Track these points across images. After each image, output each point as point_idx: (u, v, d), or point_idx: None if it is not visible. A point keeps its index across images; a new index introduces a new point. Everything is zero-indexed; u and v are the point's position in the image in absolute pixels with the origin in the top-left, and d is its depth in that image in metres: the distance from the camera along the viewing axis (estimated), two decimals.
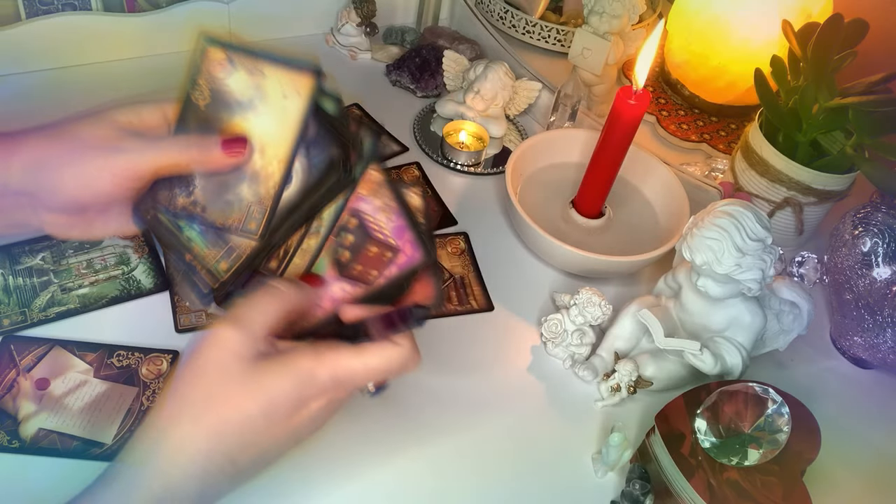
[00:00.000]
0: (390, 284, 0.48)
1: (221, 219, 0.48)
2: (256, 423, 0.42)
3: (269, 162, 0.48)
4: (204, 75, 0.49)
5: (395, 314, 0.45)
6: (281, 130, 0.48)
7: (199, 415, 0.41)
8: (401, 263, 0.48)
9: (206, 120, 0.49)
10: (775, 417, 0.52)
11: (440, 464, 0.59)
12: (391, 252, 0.48)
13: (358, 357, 0.44)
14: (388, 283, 0.48)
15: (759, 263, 0.59)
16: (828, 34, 0.73)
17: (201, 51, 0.49)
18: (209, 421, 0.41)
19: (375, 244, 0.47)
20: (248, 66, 0.49)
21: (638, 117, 0.68)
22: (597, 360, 0.67)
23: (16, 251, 0.66)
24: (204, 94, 0.49)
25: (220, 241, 0.48)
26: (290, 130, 0.48)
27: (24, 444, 0.55)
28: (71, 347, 0.61)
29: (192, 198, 0.49)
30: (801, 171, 0.76)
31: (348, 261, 0.48)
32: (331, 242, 0.48)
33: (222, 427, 0.41)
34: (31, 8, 0.82)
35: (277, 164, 0.48)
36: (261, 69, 0.48)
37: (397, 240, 0.48)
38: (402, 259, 0.48)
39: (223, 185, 0.48)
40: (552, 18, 1.02)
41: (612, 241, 0.77)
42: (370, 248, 0.47)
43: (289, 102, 0.48)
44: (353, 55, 0.98)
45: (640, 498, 0.56)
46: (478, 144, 0.87)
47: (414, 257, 0.48)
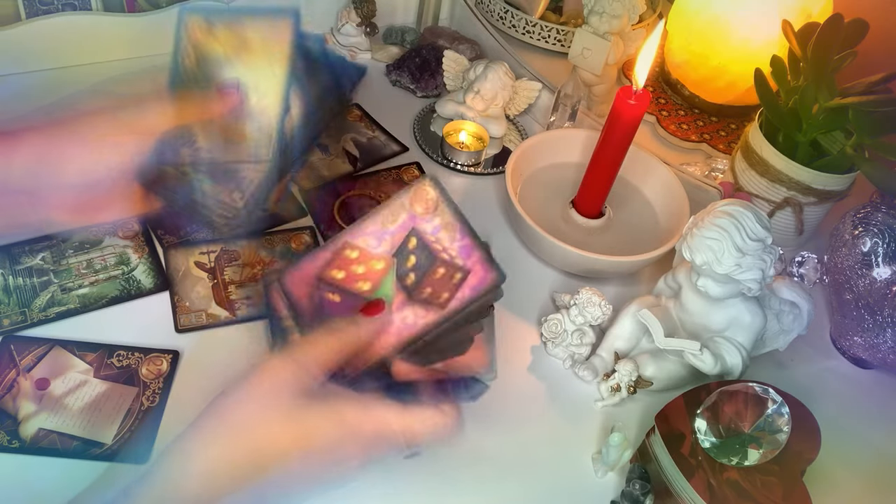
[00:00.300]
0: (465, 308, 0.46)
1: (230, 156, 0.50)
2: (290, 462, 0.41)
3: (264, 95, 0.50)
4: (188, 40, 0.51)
5: (450, 384, 0.44)
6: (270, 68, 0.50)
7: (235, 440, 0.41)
8: (473, 285, 0.46)
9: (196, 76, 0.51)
10: (775, 417, 0.52)
11: (440, 463, 0.59)
12: (461, 273, 0.46)
13: (401, 418, 0.43)
14: (462, 307, 0.46)
15: (759, 263, 0.59)
16: (828, 34, 0.73)
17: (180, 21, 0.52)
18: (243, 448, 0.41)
19: (443, 265, 0.46)
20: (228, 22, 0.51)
21: (638, 117, 0.68)
22: (597, 360, 0.67)
23: (16, 251, 0.67)
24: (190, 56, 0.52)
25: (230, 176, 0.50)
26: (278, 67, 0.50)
27: (24, 444, 0.55)
28: (71, 347, 0.61)
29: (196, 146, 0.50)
30: (801, 171, 0.76)
31: (415, 284, 0.46)
32: (392, 263, 0.47)
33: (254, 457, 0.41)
34: (31, 8, 0.82)
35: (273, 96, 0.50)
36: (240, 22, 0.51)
37: (465, 259, 0.46)
38: (474, 280, 0.46)
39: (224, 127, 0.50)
40: (552, 18, 1.02)
41: (612, 241, 0.77)
42: (437, 269, 0.46)
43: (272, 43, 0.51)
44: (353, 55, 0.98)
45: (640, 498, 0.56)
46: (478, 144, 0.87)
47: (486, 278, 0.46)
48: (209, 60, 0.51)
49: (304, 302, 0.47)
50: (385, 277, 0.46)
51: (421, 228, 0.47)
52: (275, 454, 0.41)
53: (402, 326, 0.46)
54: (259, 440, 0.41)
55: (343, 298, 0.46)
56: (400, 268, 0.46)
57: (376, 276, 0.46)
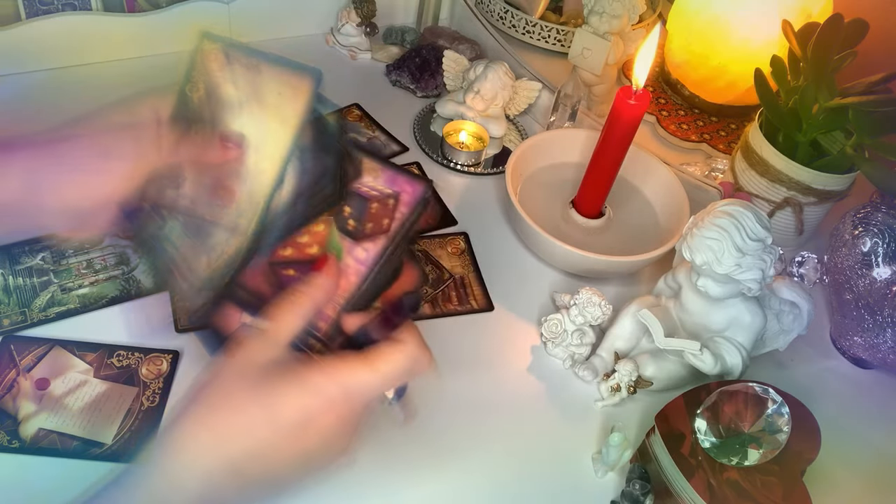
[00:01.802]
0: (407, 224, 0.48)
1: (210, 214, 0.47)
2: (263, 432, 0.41)
3: (262, 159, 0.47)
4: (199, 71, 0.49)
5: (388, 309, 0.45)
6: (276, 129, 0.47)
7: (205, 415, 0.42)
8: (407, 202, 0.48)
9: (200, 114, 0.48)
10: (775, 417, 0.52)
11: (439, 463, 0.59)
12: (393, 199, 0.48)
13: (365, 364, 0.43)
14: (404, 223, 0.48)
15: (759, 263, 0.59)
16: (828, 34, 0.73)
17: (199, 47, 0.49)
18: (213, 422, 0.41)
19: (374, 199, 0.47)
20: (245, 63, 0.48)
21: (638, 117, 0.68)
22: (597, 360, 0.67)
23: (16, 251, 0.66)
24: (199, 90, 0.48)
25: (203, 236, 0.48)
26: (286, 130, 0.47)
27: (24, 444, 0.55)
28: (71, 347, 0.61)
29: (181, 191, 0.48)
30: (801, 171, 0.76)
31: (356, 226, 0.47)
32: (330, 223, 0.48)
33: (227, 430, 0.41)
34: (31, 8, 0.82)
35: (271, 163, 0.47)
36: (258, 67, 0.48)
37: (393, 187, 0.48)
38: (406, 197, 0.48)
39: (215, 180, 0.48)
40: (552, 18, 1.02)
41: (612, 241, 0.77)
42: (371, 205, 0.47)
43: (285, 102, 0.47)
44: (353, 55, 0.98)
45: (640, 498, 0.56)
46: (478, 144, 0.87)
47: (417, 190, 0.48)
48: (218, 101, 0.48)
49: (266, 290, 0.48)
50: (329, 235, 0.48)
51: None
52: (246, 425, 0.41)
53: (357, 263, 0.48)
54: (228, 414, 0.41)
55: (298, 270, 0.47)
56: (339, 221, 0.48)
57: (320, 237, 0.48)
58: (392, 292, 0.49)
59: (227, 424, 0.41)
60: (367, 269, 0.47)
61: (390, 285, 0.49)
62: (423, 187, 0.48)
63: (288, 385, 0.42)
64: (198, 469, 0.41)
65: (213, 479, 0.41)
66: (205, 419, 0.42)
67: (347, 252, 0.48)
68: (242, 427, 0.41)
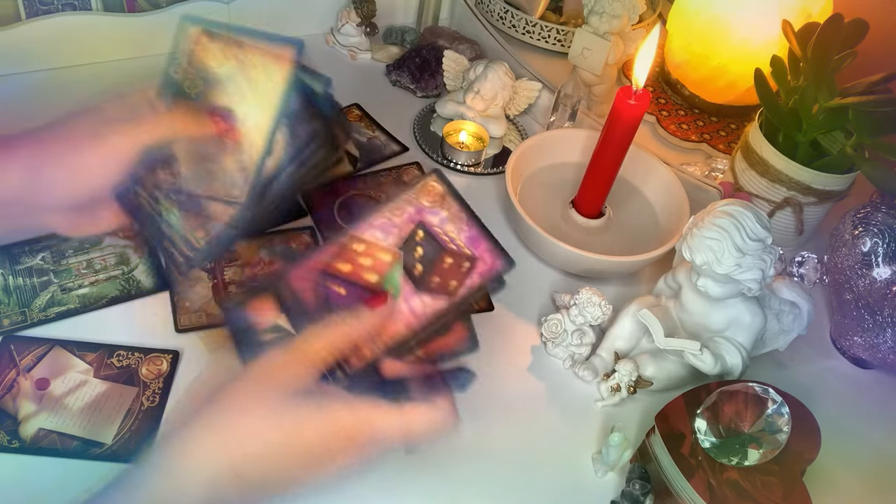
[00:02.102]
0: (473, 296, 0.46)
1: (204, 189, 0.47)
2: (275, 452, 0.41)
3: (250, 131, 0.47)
4: (184, 53, 0.49)
5: (439, 377, 0.44)
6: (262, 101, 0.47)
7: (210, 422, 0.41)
8: (482, 272, 0.46)
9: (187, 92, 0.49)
10: (775, 417, 0.52)
11: (439, 463, 0.59)
12: (468, 261, 0.46)
13: (393, 417, 0.43)
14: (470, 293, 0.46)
15: (759, 263, 0.59)
16: (828, 34, 0.73)
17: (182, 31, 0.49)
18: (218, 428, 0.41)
19: (450, 255, 0.46)
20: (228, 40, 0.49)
21: (638, 117, 0.68)
22: (597, 360, 0.67)
23: (16, 251, 0.66)
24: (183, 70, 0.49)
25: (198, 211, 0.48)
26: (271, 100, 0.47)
27: (24, 444, 0.55)
28: (71, 347, 0.61)
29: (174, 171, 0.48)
30: (801, 171, 0.76)
31: (423, 274, 0.46)
32: (399, 255, 0.47)
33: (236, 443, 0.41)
34: (31, 8, 0.82)
35: (259, 133, 0.47)
36: (240, 43, 0.48)
37: (473, 249, 0.47)
38: (483, 268, 0.46)
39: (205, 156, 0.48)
40: (552, 18, 1.02)
41: (612, 241, 0.77)
42: (445, 259, 0.46)
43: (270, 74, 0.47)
44: (353, 55, 0.98)
45: (640, 498, 0.56)
46: (478, 144, 0.87)
47: (494, 265, 0.46)
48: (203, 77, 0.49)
49: (308, 296, 0.47)
50: (392, 269, 0.46)
51: (428, 220, 0.47)
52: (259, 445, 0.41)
53: (411, 314, 0.46)
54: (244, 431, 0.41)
55: (349, 291, 0.46)
56: (407, 259, 0.47)
57: (383, 267, 0.46)
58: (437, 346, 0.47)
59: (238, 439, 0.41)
60: (420, 325, 0.46)
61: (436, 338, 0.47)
62: (503, 265, 0.47)
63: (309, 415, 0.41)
64: (202, 474, 0.41)
65: (216, 484, 0.41)
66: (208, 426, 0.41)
67: (405, 297, 0.46)
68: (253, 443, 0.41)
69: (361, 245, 0.47)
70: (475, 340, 0.48)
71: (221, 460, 0.41)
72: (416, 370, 0.45)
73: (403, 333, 0.46)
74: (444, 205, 0.48)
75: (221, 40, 0.49)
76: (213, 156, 0.48)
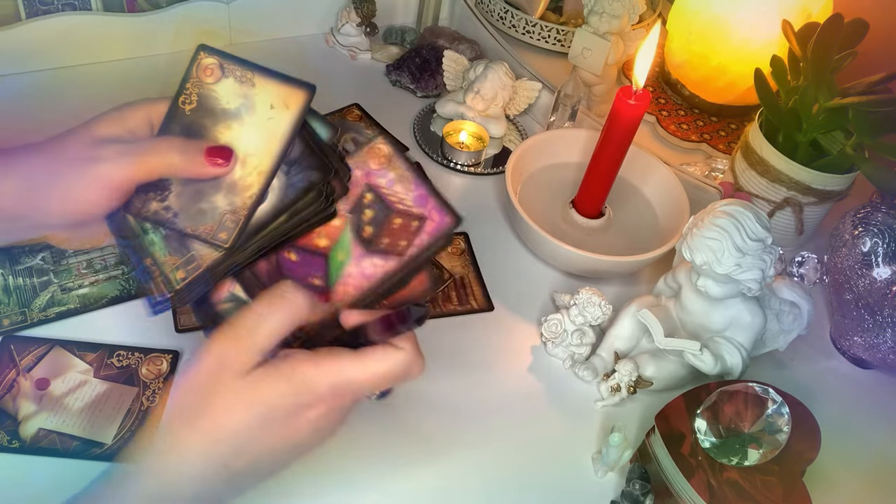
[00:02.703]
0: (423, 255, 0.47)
1: (192, 226, 0.47)
2: (251, 429, 0.41)
3: (248, 173, 0.47)
4: (193, 80, 0.49)
5: (393, 316, 0.44)
6: (265, 143, 0.47)
7: (194, 418, 0.42)
8: (430, 230, 0.47)
9: (191, 126, 0.48)
10: (775, 417, 0.52)
11: (440, 463, 0.59)
12: (417, 221, 0.47)
13: (358, 363, 0.43)
14: (420, 252, 0.47)
15: (759, 263, 0.59)
16: (828, 34, 0.73)
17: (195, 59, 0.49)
18: (202, 424, 0.41)
19: (399, 215, 0.46)
20: (239, 74, 0.48)
21: (638, 117, 0.68)
22: (597, 360, 0.67)
23: (16, 251, 0.66)
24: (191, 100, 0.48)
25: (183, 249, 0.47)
26: (275, 144, 0.47)
27: (24, 444, 0.55)
28: (71, 347, 0.61)
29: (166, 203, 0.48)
30: (801, 171, 0.76)
31: (373, 235, 0.47)
32: (349, 219, 0.47)
33: (215, 432, 0.41)
34: (31, 8, 0.82)
35: (257, 177, 0.47)
36: (251, 79, 0.48)
37: (421, 208, 0.47)
38: (431, 225, 0.47)
39: (199, 192, 0.47)
40: (552, 18, 1.02)
41: (612, 241, 0.77)
42: (394, 219, 0.46)
43: (276, 115, 0.47)
44: (353, 55, 0.98)
45: (640, 498, 0.56)
46: (478, 144, 0.87)
47: (444, 222, 0.47)
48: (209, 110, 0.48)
49: (261, 264, 0.47)
50: (342, 233, 0.47)
51: (375, 182, 0.48)
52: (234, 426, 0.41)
53: (362, 276, 0.47)
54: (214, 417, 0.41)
55: (300, 257, 0.47)
56: (357, 221, 0.47)
57: (334, 232, 0.47)
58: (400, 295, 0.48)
59: (216, 427, 0.41)
60: (370, 286, 0.47)
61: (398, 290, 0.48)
62: (452, 221, 0.47)
63: (274, 380, 0.42)
64: (190, 471, 0.41)
65: (205, 479, 0.42)
66: (193, 422, 0.41)
67: (356, 260, 0.47)
68: (231, 428, 0.41)
69: None
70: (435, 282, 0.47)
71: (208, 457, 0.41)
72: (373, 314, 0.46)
73: (354, 295, 0.46)
74: (391, 166, 0.48)
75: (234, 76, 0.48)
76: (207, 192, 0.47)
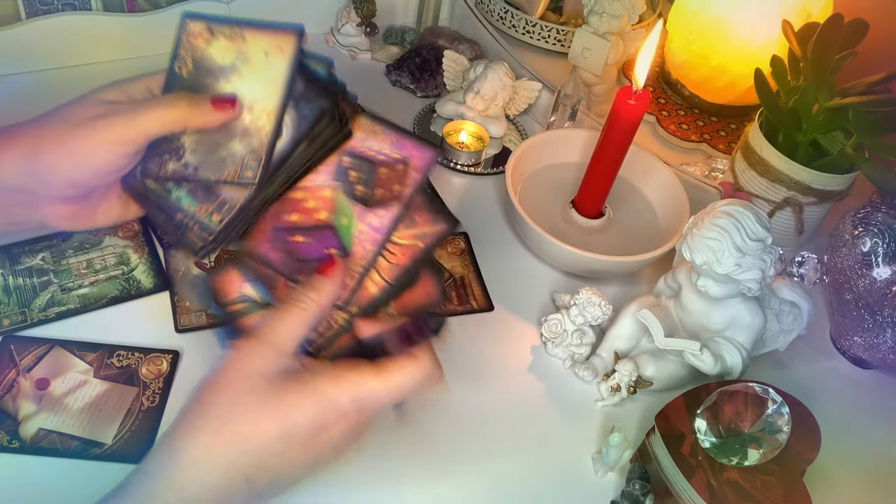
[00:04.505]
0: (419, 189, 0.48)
1: (215, 175, 0.48)
2: (274, 443, 0.41)
3: (258, 116, 0.49)
4: (185, 47, 0.50)
5: (410, 326, 0.45)
6: (267, 86, 0.49)
7: (218, 428, 0.41)
8: (417, 167, 0.48)
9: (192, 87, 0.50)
10: (775, 417, 0.52)
11: (439, 463, 0.59)
12: (401, 163, 0.48)
13: (378, 377, 0.43)
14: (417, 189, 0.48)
15: (759, 263, 0.59)
16: (828, 34, 0.73)
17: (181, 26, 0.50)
18: (227, 435, 0.41)
19: (382, 165, 0.47)
20: (228, 32, 0.50)
21: (638, 117, 0.68)
22: (597, 360, 0.67)
23: (16, 251, 0.66)
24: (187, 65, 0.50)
25: (211, 195, 0.49)
26: (277, 84, 0.48)
27: (24, 444, 0.55)
28: (71, 347, 0.61)
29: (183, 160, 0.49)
30: (801, 171, 0.76)
31: (365, 192, 0.48)
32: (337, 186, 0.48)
33: (239, 443, 0.41)
34: (31, 8, 0.82)
35: (267, 117, 0.48)
36: (241, 34, 0.50)
37: (400, 151, 0.48)
38: (416, 163, 0.48)
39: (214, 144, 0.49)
40: (552, 18, 1.02)
41: (612, 241, 0.77)
42: (379, 170, 0.47)
43: (272, 60, 0.49)
44: (353, 55, 0.98)
45: (640, 498, 0.56)
46: (478, 144, 0.87)
47: (426, 156, 0.48)
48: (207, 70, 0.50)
49: (273, 256, 0.48)
50: (337, 200, 0.48)
51: (349, 145, 0.49)
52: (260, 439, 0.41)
53: (372, 230, 0.48)
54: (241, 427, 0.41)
55: (308, 236, 0.47)
56: (346, 185, 0.48)
57: (328, 202, 0.48)
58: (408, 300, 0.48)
59: (240, 438, 0.41)
60: (384, 235, 0.47)
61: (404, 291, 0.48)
62: (433, 153, 0.48)
63: (298, 396, 0.42)
64: (211, 484, 0.41)
65: (226, 492, 0.41)
66: (218, 433, 0.41)
67: (359, 218, 0.48)
68: (255, 441, 0.41)
69: (299, 192, 0.49)
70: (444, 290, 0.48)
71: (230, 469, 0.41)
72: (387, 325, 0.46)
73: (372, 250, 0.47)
74: (356, 126, 0.50)
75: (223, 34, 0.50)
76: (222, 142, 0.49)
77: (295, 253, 0.48)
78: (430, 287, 0.49)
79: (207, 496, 0.41)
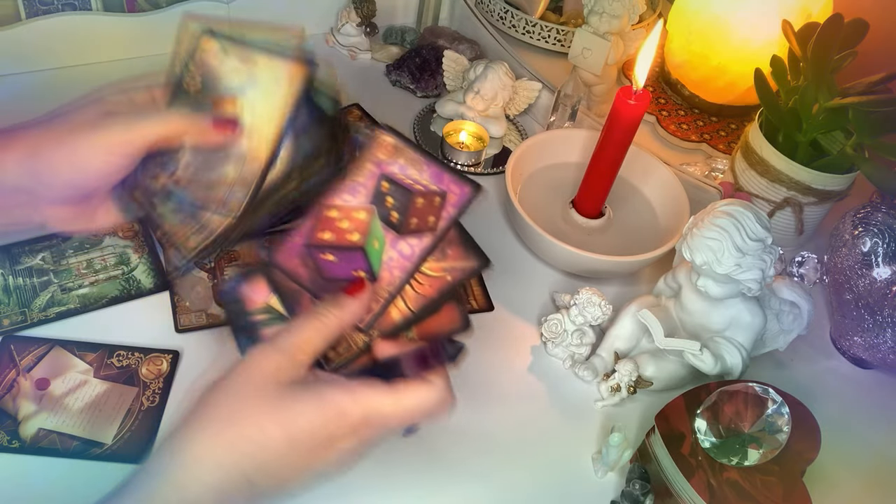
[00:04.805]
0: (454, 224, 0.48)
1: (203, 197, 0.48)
2: (278, 448, 0.41)
3: (256, 144, 0.48)
4: (196, 63, 0.50)
5: (427, 350, 0.45)
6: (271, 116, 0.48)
7: (223, 429, 0.41)
8: (454, 202, 0.48)
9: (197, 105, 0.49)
10: (775, 417, 0.52)
11: (439, 463, 0.59)
12: (438, 196, 0.48)
13: (391, 397, 0.43)
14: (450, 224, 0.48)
15: (759, 263, 0.59)
16: (828, 34, 0.73)
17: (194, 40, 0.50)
18: (231, 436, 0.41)
19: (419, 195, 0.47)
20: (241, 55, 0.49)
21: (638, 117, 0.68)
22: (597, 360, 0.67)
23: (16, 251, 0.67)
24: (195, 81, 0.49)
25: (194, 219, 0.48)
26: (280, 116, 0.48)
27: (24, 444, 0.55)
28: (71, 347, 0.61)
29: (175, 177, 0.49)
30: (801, 171, 0.76)
31: (400, 219, 0.48)
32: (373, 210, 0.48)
33: (243, 445, 0.41)
34: (31, 8, 0.82)
35: (265, 147, 0.48)
36: (253, 58, 0.49)
37: (439, 184, 0.48)
38: (454, 198, 0.48)
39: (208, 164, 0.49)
40: (552, 18, 1.02)
41: (612, 241, 0.77)
42: (416, 200, 0.47)
43: (280, 89, 0.48)
44: (353, 55, 0.98)
45: (640, 498, 0.56)
46: (478, 144, 0.87)
47: (464, 192, 0.48)
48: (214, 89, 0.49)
49: (301, 272, 0.48)
50: (371, 224, 0.48)
51: (389, 171, 0.49)
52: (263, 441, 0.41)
53: (402, 258, 0.48)
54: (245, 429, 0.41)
55: (338, 255, 0.47)
56: (382, 211, 0.48)
57: (362, 225, 0.48)
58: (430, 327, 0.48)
59: (244, 439, 0.41)
60: (413, 264, 0.48)
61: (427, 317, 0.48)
62: (472, 191, 0.48)
63: (307, 403, 0.42)
64: (213, 483, 0.41)
65: (227, 494, 0.41)
66: (221, 434, 0.41)
67: (390, 245, 0.48)
68: (259, 443, 0.41)
69: (334, 211, 0.49)
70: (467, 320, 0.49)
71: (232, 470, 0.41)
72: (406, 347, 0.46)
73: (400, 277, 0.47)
74: (398, 154, 0.50)
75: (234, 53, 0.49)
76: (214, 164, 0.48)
77: (323, 271, 0.48)
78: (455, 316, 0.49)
79: (208, 495, 0.41)
